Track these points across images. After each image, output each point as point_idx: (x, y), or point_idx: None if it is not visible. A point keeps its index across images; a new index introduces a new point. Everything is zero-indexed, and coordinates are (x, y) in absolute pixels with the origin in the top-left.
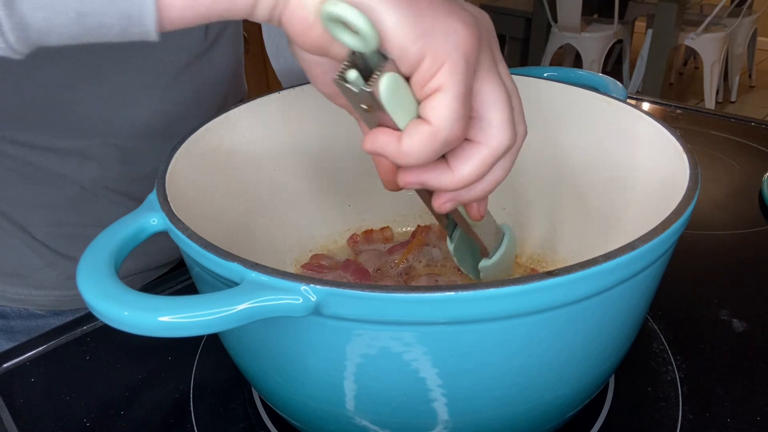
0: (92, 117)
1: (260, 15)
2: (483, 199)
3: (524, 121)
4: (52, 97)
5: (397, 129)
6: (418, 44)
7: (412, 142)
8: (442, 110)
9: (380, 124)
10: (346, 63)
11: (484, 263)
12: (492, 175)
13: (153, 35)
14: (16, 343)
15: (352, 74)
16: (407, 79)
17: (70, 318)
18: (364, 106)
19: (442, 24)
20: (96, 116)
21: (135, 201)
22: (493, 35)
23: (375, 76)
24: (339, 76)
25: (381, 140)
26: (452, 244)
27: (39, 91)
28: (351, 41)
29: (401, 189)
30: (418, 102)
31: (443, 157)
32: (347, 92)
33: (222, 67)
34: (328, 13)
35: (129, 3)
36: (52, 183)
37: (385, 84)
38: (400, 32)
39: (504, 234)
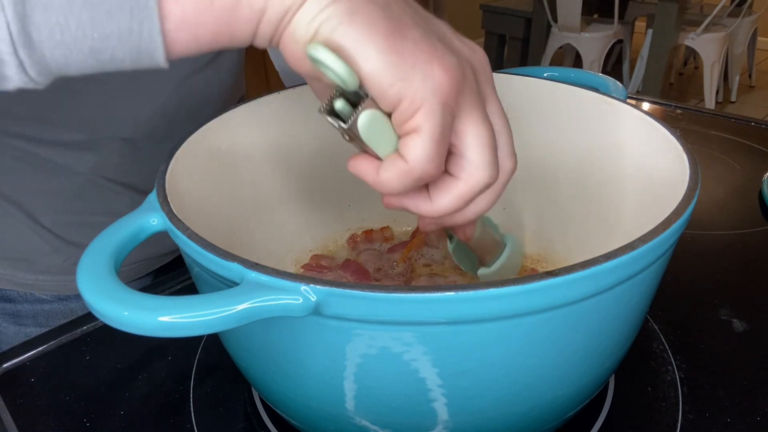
0: (97, 116)
1: (260, 44)
2: (467, 225)
3: (513, 157)
4: (58, 98)
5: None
6: (395, 88)
7: (388, 176)
8: (416, 151)
9: (364, 150)
10: (335, 91)
11: (482, 271)
12: (474, 207)
13: (163, 65)
14: (22, 327)
15: (339, 103)
16: (389, 114)
17: (74, 303)
18: (347, 137)
19: (420, 69)
20: (101, 115)
21: (138, 192)
22: (484, 72)
23: (356, 112)
24: (324, 106)
25: (361, 167)
26: (451, 245)
27: (45, 94)
28: (335, 78)
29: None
30: (399, 136)
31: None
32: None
33: (228, 72)
34: (310, 56)
35: (138, 41)
36: (58, 173)
37: (364, 121)
38: (377, 77)
39: (506, 245)
